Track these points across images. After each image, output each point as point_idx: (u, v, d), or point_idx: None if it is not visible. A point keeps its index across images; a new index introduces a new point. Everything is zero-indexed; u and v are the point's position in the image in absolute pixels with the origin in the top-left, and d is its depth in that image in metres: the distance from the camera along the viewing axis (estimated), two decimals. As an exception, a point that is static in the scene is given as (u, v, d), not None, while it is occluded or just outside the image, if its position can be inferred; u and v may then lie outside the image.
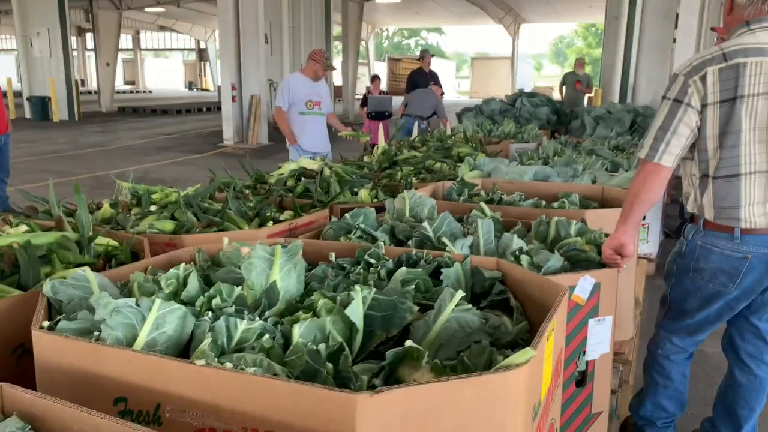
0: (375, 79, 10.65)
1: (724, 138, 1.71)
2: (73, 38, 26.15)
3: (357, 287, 1.27)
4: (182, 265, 1.35)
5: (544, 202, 2.81)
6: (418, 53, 10.61)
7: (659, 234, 4.69)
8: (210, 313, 1.19)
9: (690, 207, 1.88)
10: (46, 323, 1.17)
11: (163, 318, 1.11)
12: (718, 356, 2.40)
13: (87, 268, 1.40)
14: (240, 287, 1.29)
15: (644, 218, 3.12)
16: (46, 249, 1.75)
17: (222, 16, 12.26)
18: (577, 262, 1.99)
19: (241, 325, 1.14)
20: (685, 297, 1.90)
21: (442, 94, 9.49)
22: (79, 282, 1.36)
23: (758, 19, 1.72)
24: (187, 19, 32.02)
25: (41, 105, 17.50)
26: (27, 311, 1.33)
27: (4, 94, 16.82)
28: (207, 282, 1.40)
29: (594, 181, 3.55)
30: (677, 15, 8.89)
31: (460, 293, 1.28)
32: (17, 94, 19.11)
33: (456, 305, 1.27)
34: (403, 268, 1.49)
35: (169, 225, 2.22)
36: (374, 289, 1.32)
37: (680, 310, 1.94)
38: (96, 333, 1.11)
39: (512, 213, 2.55)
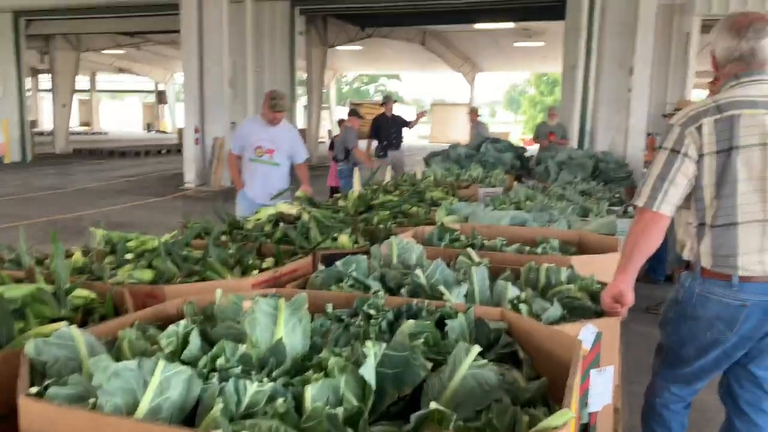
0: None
1: (721, 187, 1.74)
2: (27, 79, 25.63)
3: (368, 343, 1.20)
4: (182, 322, 1.27)
5: (527, 248, 2.81)
6: (377, 98, 10.82)
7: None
8: (216, 374, 1.10)
9: (687, 255, 1.89)
10: (33, 389, 1.06)
11: (168, 382, 1.03)
12: (713, 404, 2.39)
13: (73, 327, 1.30)
14: (243, 345, 1.21)
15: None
16: (20, 302, 1.62)
17: (186, 58, 12.22)
18: (572, 310, 1.97)
19: (251, 388, 1.06)
20: (682, 345, 1.90)
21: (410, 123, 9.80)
22: (63, 341, 1.26)
23: (747, 73, 1.78)
24: (147, 61, 31.82)
25: (-8, 147, 16.93)
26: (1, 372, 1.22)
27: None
28: (204, 339, 1.31)
29: (569, 226, 3.59)
30: (631, 66, 9.31)
31: (477, 348, 1.23)
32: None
33: (472, 361, 1.22)
34: (411, 321, 1.43)
35: (148, 274, 2.12)
36: (384, 345, 1.26)
37: (678, 358, 1.93)
38: (92, 400, 1.01)
39: (498, 259, 2.54)
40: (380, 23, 19.84)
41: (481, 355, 1.53)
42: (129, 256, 2.31)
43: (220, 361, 1.14)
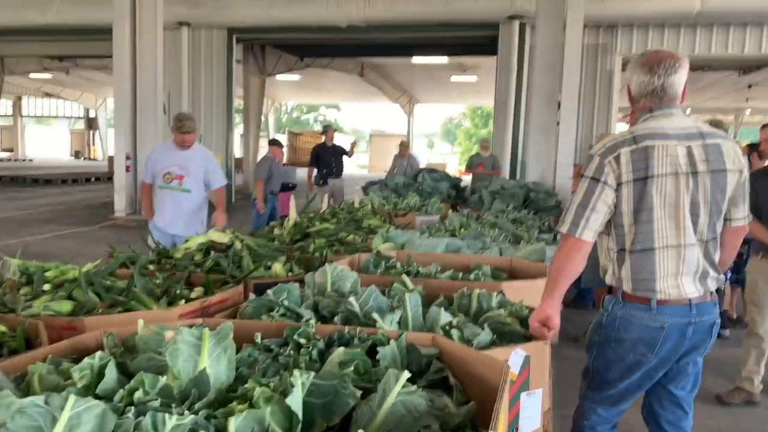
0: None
1: (639, 214, 1.83)
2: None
3: (296, 372, 1.18)
4: (98, 353, 1.20)
5: (461, 274, 2.85)
6: (316, 128, 10.82)
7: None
8: (132, 408, 1.05)
9: (608, 280, 1.96)
10: (-75, 431, 0.98)
11: (78, 418, 0.96)
12: (638, 424, 2.46)
13: (-25, 361, 1.21)
14: (164, 377, 1.16)
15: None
16: None
17: (118, 84, 11.89)
18: (502, 335, 2.00)
19: (170, 422, 1.01)
20: (607, 367, 1.95)
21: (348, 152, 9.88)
22: (-36, 377, 1.17)
23: (659, 107, 1.89)
24: (76, 86, 30.77)
25: None
26: None
27: None
28: (123, 371, 1.25)
29: (501, 253, 3.68)
30: (559, 101, 9.74)
31: (406, 374, 1.23)
32: None
33: (401, 387, 1.21)
34: (341, 349, 1.42)
35: (66, 306, 2.00)
36: (313, 374, 1.23)
37: (603, 380, 1.99)
38: (-8, 441, 0.94)
39: (433, 285, 2.56)
40: (318, 54, 20.01)
41: (412, 381, 1.52)
42: (47, 287, 2.19)
43: (138, 395, 1.09)
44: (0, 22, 14.16)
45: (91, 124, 39.90)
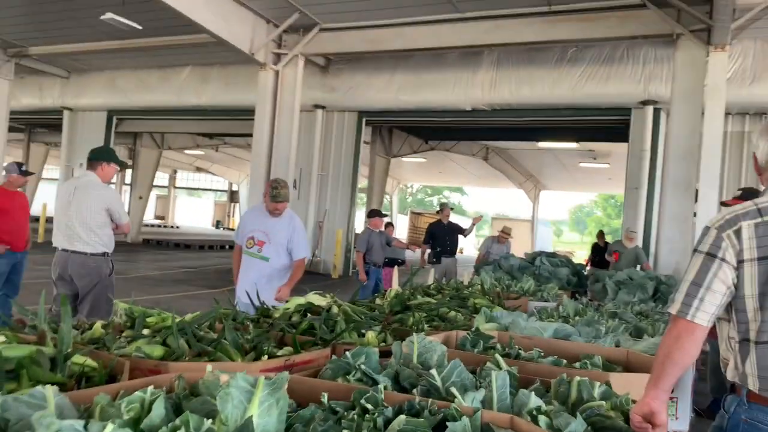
0: (388, 225, 10.79)
1: (765, 298, 1.57)
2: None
3: (346, 434, 1.08)
4: (149, 388, 1.19)
5: (564, 361, 2.60)
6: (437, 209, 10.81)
7: (689, 410, 4.34)
8: (169, 448, 1.01)
9: (730, 375, 1.68)
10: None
11: (112, 449, 0.94)
12: None
13: (48, 386, 1.24)
14: (210, 420, 1.12)
15: (672, 391, 2.88)
16: (15, 363, 1.60)
17: (255, 159, 12.89)
18: (601, 429, 1.76)
19: (203, 467, 0.95)
20: (729, 480, 1.64)
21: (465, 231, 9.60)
22: (35, 400, 1.20)
23: (791, 176, 1.66)
24: (223, 162, 33.83)
25: (70, 231, 18.01)
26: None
27: (36, 219, 17.42)
28: (178, 412, 1.23)
29: (617, 345, 3.34)
30: (696, 189, 9.08)
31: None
32: (50, 220, 19.76)
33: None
34: (402, 417, 1.30)
35: (158, 351, 2.07)
36: (367, 439, 1.13)
37: (725, 495, 1.67)
38: (30, 461, 0.94)
39: (530, 369, 2.35)
40: (443, 137, 20.50)
41: (486, 466, 1.37)
42: (146, 331, 2.28)
43: (179, 435, 1.05)
44: (163, 104, 16.09)
45: (233, 196, 43.41)
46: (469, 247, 29.22)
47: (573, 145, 18.80)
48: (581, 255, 34.93)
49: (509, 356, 2.68)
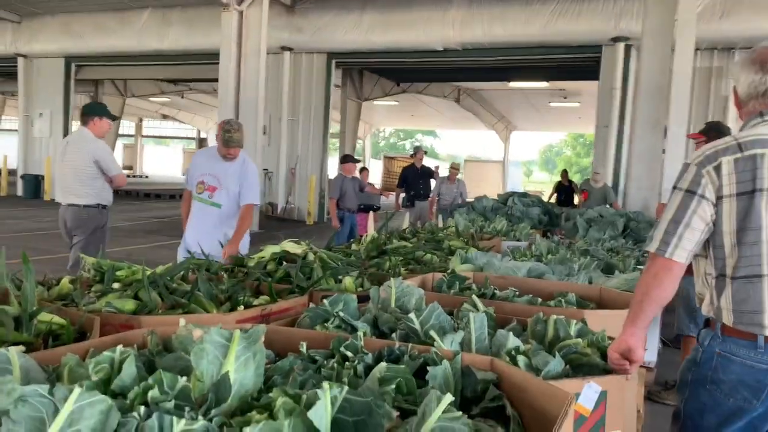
0: (363, 170, 10.72)
1: (743, 234, 1.57)
2: (75, 122, 26.73)
3: (325, 384, 1.06)
4: (119, 347, 1.14)
5: (539, 300, 2.63)
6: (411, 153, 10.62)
7: (657, 342, 4.48)
8: (143, 408, 0.97)
9: (705, 310, 1.70)
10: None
11: (81, 412, 0.90)
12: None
13: (11, 348, 1.19)
14: (186, 378, 1.08)
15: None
16: (-23, 323, 1.53)
17: (222, 105, 12.53)
18: (578, 367, 1.78)
19: (178, 426, 0.92)
20: (701, 412, 1.68)
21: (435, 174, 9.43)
22: (-2, 363, 1.15)
23: (773, 110, 1.63)
24: (190, 109, 32.95)
25: (34, 183, 17.52)
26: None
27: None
28: (151, 369, 1.19)
29: (590, 282, 3.40)
30: (665, 126, 9.14)
31: (448, 397, 1.07)
32: (12, 173, 19.18)
33: (443, 412, 1.07)
34: (383, 364, 1.28)
35: (129, 305, 2.01)
36: (346, 388, 1.11)
37: (696, 427, 1.71)
38: (-6, 427, 0.89)
39: (506, 309, 2.37)
40: (415, 79, 20.18)
41: (467, 407, 1.37)
42: (116, 285, 2.22)
43: (152, 393, 1.01)
44: (123, 49, 15.42)
45: (202, 144, 42.48)
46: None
47: (544, 84, 18.73)
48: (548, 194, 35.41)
49: (485, 296, 2.70)
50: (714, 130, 3.97)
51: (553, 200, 12.10)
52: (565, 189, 12.35)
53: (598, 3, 11.25)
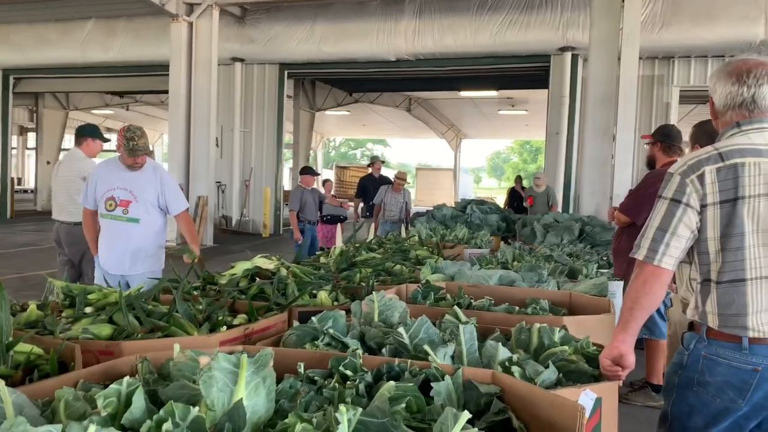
0: (326, 182, 10.68)
1: (727, 240, 1.63)
2: (14, 137, 25.62)
3: (342, 408, 1.04)
4: (126, 379, 1.09)
5: (517, 308, 2.67)
6: (363, 162, 10.58)
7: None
8: (159, 442, 0.93)
9: (690, 314, 1.76)
10: (-67, 460, 0.88)
11: (97, 452, 0.85)
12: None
13: (1, 382, 1.12)
14: (197, 407, 1.04)
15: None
16: (-50, 358, 1.44)
17: (173, 118, 12.26)
18: (567, 374, 1.81)
19: (200, 460, 0.89)
20: (689, 414, 1.73)
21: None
22: (-13, 401, 1.08)
23: (748, 121, 1.71)
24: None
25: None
26: None
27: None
28: (154, 400, 1.14)
29: (559, 287, 3.46)
30: (614, 134, 9.46)
31: (466, 415, 1.08)
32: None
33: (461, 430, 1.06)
34: (391, 383, 1.27)
35: (106, 330, 1.93)
36: (360, 410, 1.09)
37: (684, 428, 1.76)
38: (2, 474, 0.84)
39: (487, 318, 2.39)
40: (367, 89, 20.24)
41: (471, 422, 1.37)
42: (88, 309, 2.13)
43: (166, 426, 0.97)
44: (66, 60, 14.89)
45: (149, 157, 41.41)
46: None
47: (493, 93, 19.08)
48: (500, 201, 36.07)
49: (460, 306, 2.71)
50: (663, 134, 4.13)
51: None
52: (518, 195, 12.60)
53: (545, 14, 11.57)
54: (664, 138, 4.10)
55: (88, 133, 5.07)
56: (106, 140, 5.28)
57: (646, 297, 1.68)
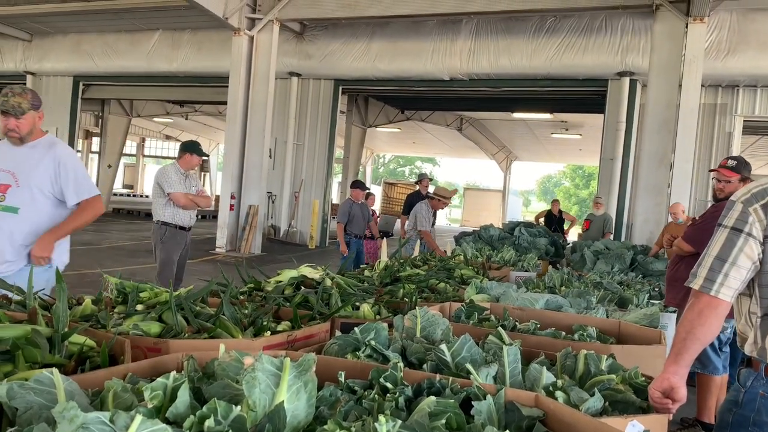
0: (369, 196, 10.71)
1: None
2: (80, 140, 26.84)
3: (382, 418, 1.04)
4: (172, 373, 1.12)
5: (563, 333, 2.60)
6: (411, 180, 10.58)
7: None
8: (201, 438, 0.95)
9: (748, 350, 1.68)
10: (-10, 438, 0.92)
11: (142, 441, 0.87)
12: None
13: (55, 370, 1.16)
14: (239, 407, 1.05)
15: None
16: (10, 344, 1.50)
17: (230, 128, 12.61)
18: (614, 404, 1.75)
19: (240, 458, 0.90)
20: (742, 455, 1.65)
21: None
22: (42, 386, 1.13)
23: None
24: (193, 130, 33.08)
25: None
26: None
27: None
28: (197, 397, 1.16)
29: (608, 315, 3.37)
30: (671, 162, 9.20)
31: (508, 434, 1.05)
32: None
33: (502, 449, 1.04)
34: (432, 398, 1.26)
35: (155, 327, 1.98)
36: (399, 422, 1.09)
37: (737, 470, 1.68)
38: (52, 456, 0.87)
39: (532, 342, 2.35)
40: (419, 107, 20.33)
41: (511, 445, 1.34)
42: (140, 307, 2.19)
43: (208, 423, 0.99)
44: (132, 69, 15.56)
45: (203, 165, 42.59)
46: (441, 218, 29.36)
47: (547, 116, 18.86)
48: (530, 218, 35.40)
49: (505, 327, 2.67)
50: (749, 170, 3.86)
51: None
52: (555, 219, 12.30)
53: (604, 38, 11.40)
54: (749, 173, 3.82)
55: (188, 149, 5.83)
56: (205, 155, 6.16)
57: (700, 328, 1.61)
